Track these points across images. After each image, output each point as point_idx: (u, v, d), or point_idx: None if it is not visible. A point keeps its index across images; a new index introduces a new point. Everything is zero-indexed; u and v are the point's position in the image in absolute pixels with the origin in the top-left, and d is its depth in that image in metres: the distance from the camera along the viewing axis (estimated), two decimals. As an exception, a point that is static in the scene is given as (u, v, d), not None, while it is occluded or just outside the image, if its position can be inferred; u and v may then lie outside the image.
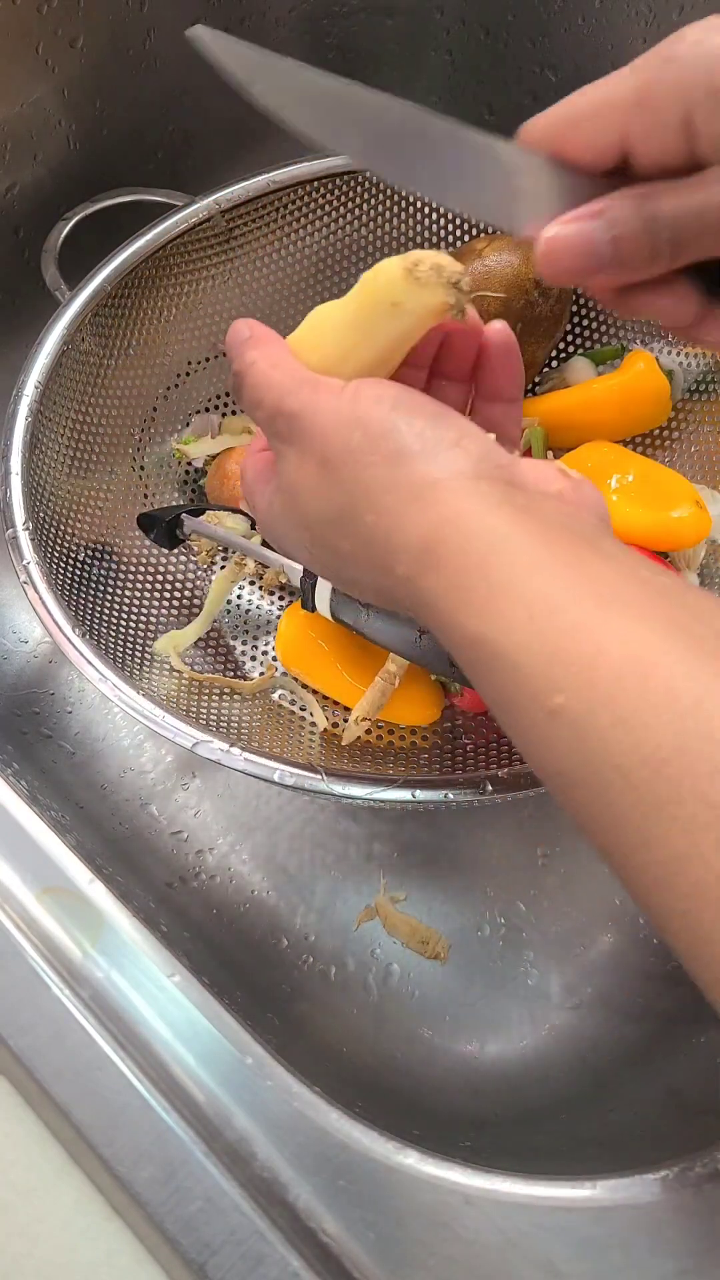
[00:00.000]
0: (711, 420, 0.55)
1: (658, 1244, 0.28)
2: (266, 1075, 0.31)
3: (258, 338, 0.32)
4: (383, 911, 0.50)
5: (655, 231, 0.28)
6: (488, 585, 0.26)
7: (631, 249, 0.28)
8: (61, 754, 0.54)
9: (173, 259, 0.54)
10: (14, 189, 0.57)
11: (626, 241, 0.28)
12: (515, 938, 0.50)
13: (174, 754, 0.54)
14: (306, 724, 0.50)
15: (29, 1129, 0.31)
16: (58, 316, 0.50)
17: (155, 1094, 0.30)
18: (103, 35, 0.56)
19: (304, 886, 0.51)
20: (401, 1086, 0.46)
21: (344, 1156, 0.30)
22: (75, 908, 0.33)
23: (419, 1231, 0.29)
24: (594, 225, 0.28)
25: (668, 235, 0.28)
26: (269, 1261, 0.27)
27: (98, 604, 0.48)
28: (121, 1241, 0.29)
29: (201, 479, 0.58)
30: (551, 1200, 0.29)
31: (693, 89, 0.26)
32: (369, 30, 0.65)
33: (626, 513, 0.51)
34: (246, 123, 0.66)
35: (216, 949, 0.49)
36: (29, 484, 0.47)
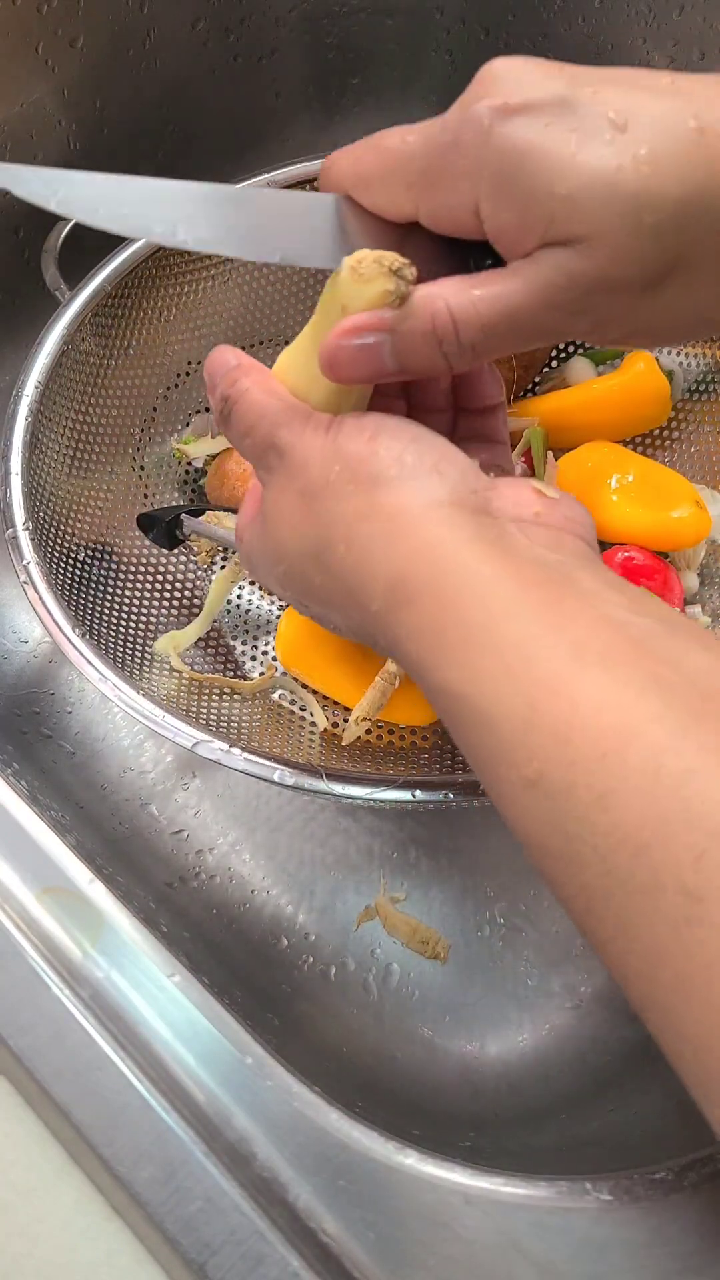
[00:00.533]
0: (711, 420, 0.55)
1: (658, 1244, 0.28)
2: (266, 1075, 0.31)
3: (247, 365, 0.31)
4: (383, 911, 0.50)
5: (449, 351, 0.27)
6: (460, 628, 0.25)
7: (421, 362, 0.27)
8: (61, 754, 0.54)
9: (173, 259, 0.54)
10: (14, 189, 0.57)
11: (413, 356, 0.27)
12: (515, 938, 0.50)
13: (174, 754, 0.54)
14: (306, 724, 0.50)
15: (29, 1129, 0.31)
16: (58, 316, 0.50)
17: (155, 1094, 0.30)
18: (103, 35, 0.56)
19: (304, 886, 0.51)
20: (401, 1086, 0.46)
21: (344, 1156, 0.30)
22: (75, 908, 0.33)
23: (419, 1231, 0.29)
24: (377, 340, 0.27)
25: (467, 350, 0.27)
26: (269, 1261, 0.28)
27: (98, 604, 0.48)
28: (121, 1241, 0.29)
29: (201, 479, 0.58)
30: (551, 1200, 0.29)
31: (478, 182, 0.26)
32: (369, 30, 0.65)
33: (626, 513, 0.51)
34: (246, 123, 0.66)
35: (216, 949, 0.49)
36: (29, 484, 0.47)
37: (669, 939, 0.20)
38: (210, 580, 0.55)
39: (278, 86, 0.66)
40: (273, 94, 0.66)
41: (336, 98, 0.68)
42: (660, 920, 0.20)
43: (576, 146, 0.25)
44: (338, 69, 0.67)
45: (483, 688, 0.24)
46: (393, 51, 0.66)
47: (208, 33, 0.60)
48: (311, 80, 0.67)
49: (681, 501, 0.51)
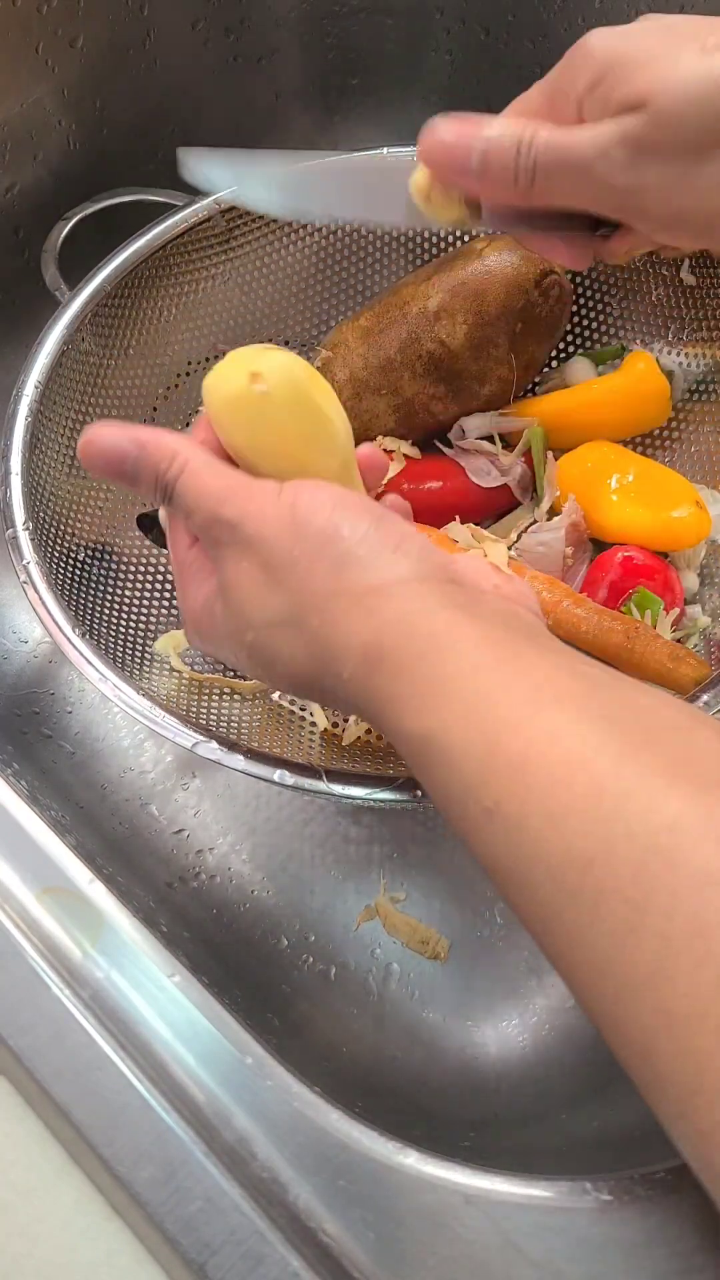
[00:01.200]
0: (712, 421, 0.55)
1: (657, 1243, 0.28)
2: (266, 1075, 0.31)
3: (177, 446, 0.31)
4: (383, 911, 0.50)
5: (521, 159, 0.32)
6: (427, 682, 0.26)
7: (497, 167, 0.32)
8: (61, 754, 0.54)
9: (173, 259, 0.54)
10: (14, 189, 0.57)
11: (494, 156, 0.32)
12: (515, 938, 0.50)
13: (174, 754, 0.55)
14: (306, 724, 0.50)
15: (29, 1129, 0.31)
16: (58, 316, 0.50)
17: (155, 1094, 0.30)
18: (103, 35, 0.56)
19: (304, 886, 0.51)
20: (401, 1086, 0.46)
21: (344, 1156, 0.30)
22: (75, 908, 0.33)
23: (419, 1231, 0.29)
24: (473, 136, 0.33)
25: (530, 165, 0.32)
26: (269, 1261, 0.27)
27: (98, 604, 0.48)
28: (121, 1241, 0.29)
29: (201, 479, 0.58)
30: (551, 1200, 0.29)
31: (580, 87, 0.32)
32: (369, 30, 0.65)
33: (626, 513, 0.51)
34: (246, 123, 0.66)
35: (216, 949, 0.49)
36: (29, 484, 0.47)
37: (613, 950, 0.22)
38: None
39: (278, 86, 0.66)
40: (273, 94, 0.66)
41: (336, 98, 0.68)
42: (605, 932, 0.22)
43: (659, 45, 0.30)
44: (338, 69, 0.67)
45: (448, 730, 0.26)
46: (393, 51, 0.66)
47: (208, 33, 0.60)
48: (311, 80, 0.67)
49: (681, 501, 0.51)
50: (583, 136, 0.31)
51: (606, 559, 0.50)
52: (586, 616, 0.47)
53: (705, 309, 0.54)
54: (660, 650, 0.46)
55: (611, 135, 0.30)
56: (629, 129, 0.30)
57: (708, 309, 0.54)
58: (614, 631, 0.46)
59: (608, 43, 0.31)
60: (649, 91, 0.29)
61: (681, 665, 0.45)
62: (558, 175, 0.32)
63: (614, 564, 0.50)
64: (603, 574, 0.50)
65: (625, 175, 0.31)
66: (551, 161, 0.32)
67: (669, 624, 0.49)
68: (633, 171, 0.30)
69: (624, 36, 0.31)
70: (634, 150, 0.30)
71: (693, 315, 0.55)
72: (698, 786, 0.22)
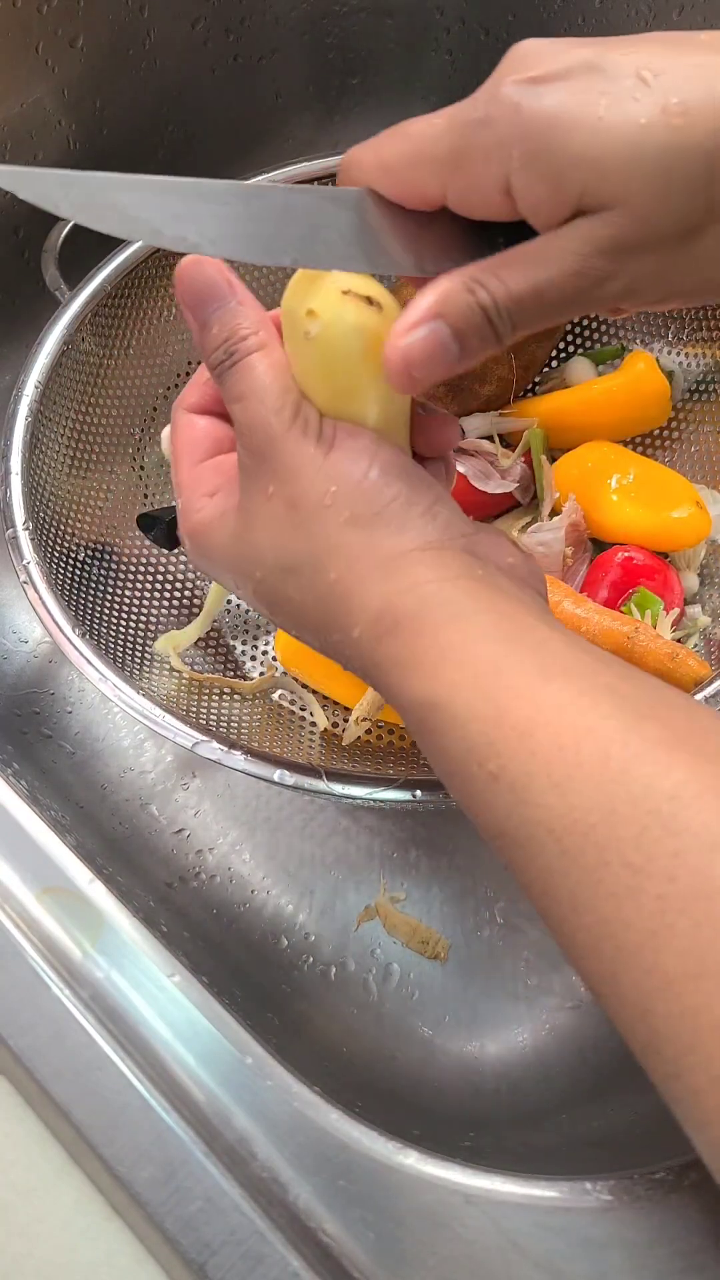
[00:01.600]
0: (712, 421, 0.55)
1: (658, 1244, 0.28)
2: (266, 1075, 0.31)
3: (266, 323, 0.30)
4: (383, 911, 0.50)
5: (496, 323, 0.27)
6: (438, 649, 0.26)
7: (476, 342, 0.27)
8: (61, 754, 0.54)
9: (173, 259, 0.54)
10: (14, 189, 0.57)
11: (470, 336, 0.27)
12: (515, 938, 0.50)
13: (174, 754, 0.54)
14: (306, 724, 0.50)
15: (29, 1129, 0.31)
16: (58, 316, 0.50)
17: (155, 1094, 0.30)
18: (103, 35, 0.56)
19: (304, 886, 0.51)
20: (401, 1086, 0.46)
21: (344, 1156, 0.30)
22: (75, 908, 0.33)
23: (419, 1231, 0.29)
24: (436, 326, 0.26)
25: (508, 322, 0.27)
26: (269, 1261, 0.27)
27: (98, 604, 0.48)
28: (121, 1241, 0.29)
29: (201, 479, 0.58)
30: (551, 1200, 0.29)
31: (508, 158, 0.25)
32: (369, 30, 0.65)
33: (626, 513, 0.51)
34: (246, 123, 0.66)
35: (216, 949, 0.49)
36: (29, 484, 0.47)
37: (612, 912, 0.22)
38: (210, 580, 0.55)
39: (278, 86, 0.66)
40: (273, 94, 0.66)
41: (336, 98, 0.68)
42: (605, 894, 0.22)
43: (605, 108, 0.24)
44: (338, 69, 0.67)
45: (455, 695, 0.26)
46: (393, 51, 0.66)
47: (208, 33, 0.60)
48: (311, 80, 0.67)
49: (681, 501, 0.51)
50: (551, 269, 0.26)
51: (606, 559, 0.50)
52: (586, 616, 0.47)
53: (705, 309, 0.54)
54: (660, 650, 0.46)
55: (584, 251, 0.25)
56: (604, 235, 0.25)
57: (708, 309, 0.54)
58: (614, 631, 0.46)
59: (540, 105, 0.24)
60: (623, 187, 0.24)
61: (681, 665, 0.45)
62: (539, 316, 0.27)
63: (614, 564, 0.50)
64: (603, 574, 0.50)
65: (614, 283, 0.26)
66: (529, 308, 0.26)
67: (669, 624, 0.49)
68: (621, 276, 0.26)
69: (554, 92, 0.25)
70: (616, 254, 0.25)
71: (693, 315, 0.55)
72: (700, 758, 0.23)
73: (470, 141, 0.26)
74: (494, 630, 0.26)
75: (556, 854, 0.23)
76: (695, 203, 0.24)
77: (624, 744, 0.23)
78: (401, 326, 0.27)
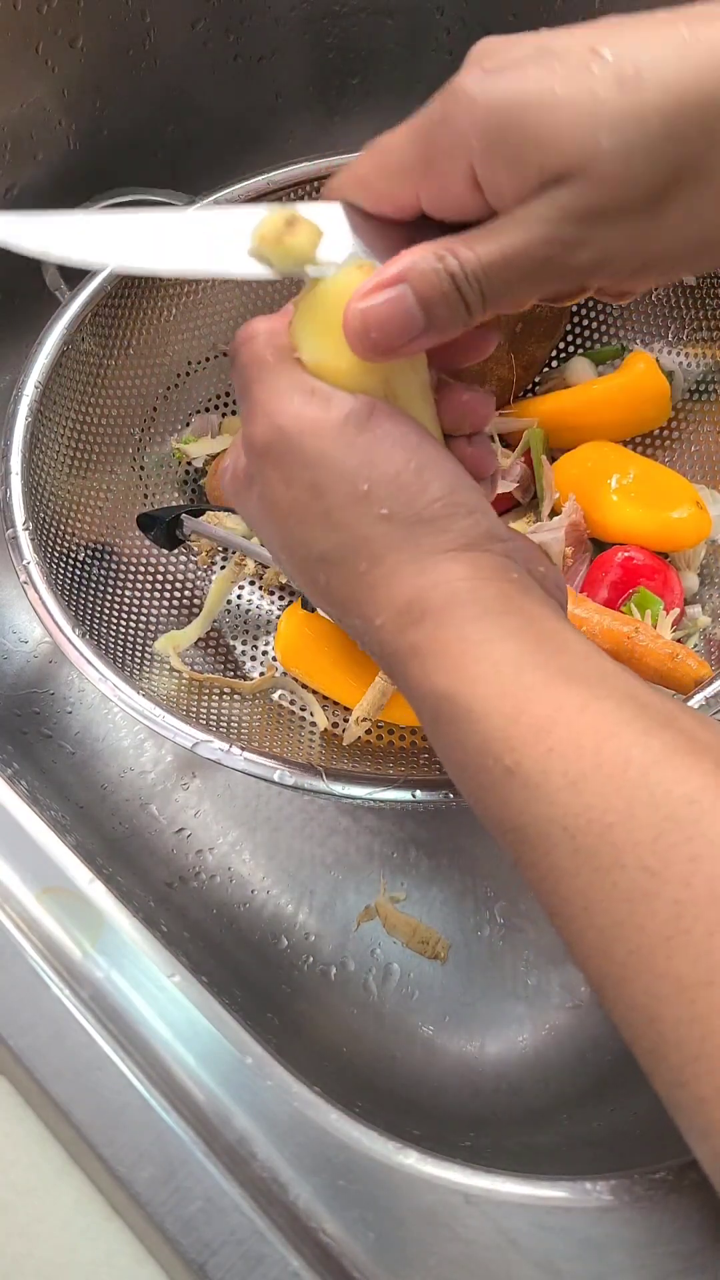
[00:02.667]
0: (712, 421, 0.55)
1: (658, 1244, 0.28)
2: (266, 1075, 0.31)
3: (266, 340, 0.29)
4: (383, 911, 0.50)
5: (464, 290, 0.26)
6: (463, 642, 0.26)
7: (444, 311, 0.26)
8: (61, 754, 0.54)
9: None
10: (14, 189, 0.57)
11: (437, 304, 0.26)
12: (515, 938, 0.50)
13: (174, 754, 0.54)
14: (306, 724, 0.50)
15: (29, 1129, 0.31)
16: (58, 316, 0.50)
17: (155, 1094, 0.30)
18: (103, 35, 0.56)
19: (304, 886, 0.51)
20: (401, 1086, 0.46)
21: (344, 1156, 0.30)
22: (75, 908, 0.33)
23: (419, 1231, 0.29)
24: (400, 291, 0.26)
25: (477, 291, 0.26)
26: (269, 1261, 0.27)
27: (98, 604, 0.48)
28: (121, 1241, 0.29)
29: (201, 479, 0.58)
30: (551, 1200, 0.29)
31: (470, 150, 0.25)
32: (369, 30, 0.65)
33: (627, 513, 0.51)
34: (246, 123, 0.66)
35: (216, 949, 0.49)
36: (29, 484, 0.47)
37: (625, 914, 0.22)
38: (210, 580, 0.55)
39: (278, 86, 0.66)
40: (273, 94, 0.66)
41: (336, 98, 0.68)
42: (619, 896, 0.22)
43: (559, 84, 0.24)
44: (338, 69, 0.67)
45: (475, 689, 0.26)
46: (393, 51, 0.66)
47: (208, 33, 0.60)
48: (311, 80, 0.67)
49: (681, 502, 0.51)
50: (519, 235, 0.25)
51: (606, 559, 0.50)
52: (587, 616, 0.47)
53: (705, 309, 0.54)
54: (660, 650, 0.46)
55: (551, 217, 0.25)
56: (570, 203, 0.24)
57: (708, 309, 0.54)
58: (614, 631, 0.46)
59: (494, 93, 0.24)
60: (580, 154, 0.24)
61: (681, 665, 0.45)
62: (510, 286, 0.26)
63: (614, 564, 0.50)
64: (603, 574, 0.50)
65: (586, 252, 0.25)
66: (497, 277, 0.26)
67: (669, 624, 0.49)
68: (593, 245, 0.25)
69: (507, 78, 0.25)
70: (585, 222, 0.25)
71: (693, 315, 0.55)
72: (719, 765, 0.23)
73: (434, 142, 0.26)
74: (520, 630, 0.26)
75: (569, 852, 0.23)
76: (657, 166, 0.24)
77: (645, 747, 0.23)
78: (363, 289, 0.27)
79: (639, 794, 0.23)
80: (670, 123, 0.23)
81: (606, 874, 0.22)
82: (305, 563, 0.29)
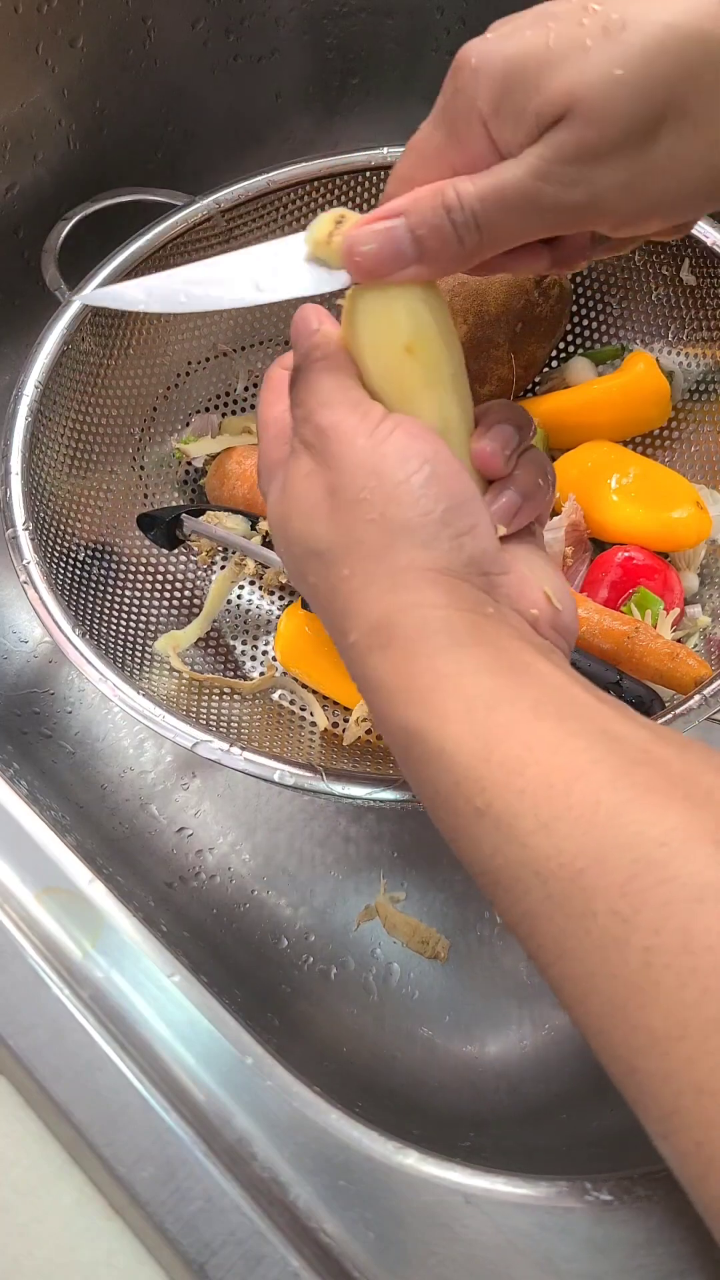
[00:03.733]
0: (712, 421, 0.55)
1: (658, 1244, 0.28)
2: (266, 1075, 0.31)
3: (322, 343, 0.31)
4: (383, 911, 0.50)
5: (457, 221, 0.28)
6: (432, 676, 0.26)
7: (437, 242, 0.28)
8: (61, 754, 0.54)
9: (173, 259, 0.54)
10: (14, 189, 0.57)
11: (427, 232, 0.28)
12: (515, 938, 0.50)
13: (174, 754, 0.54)
14: (306, 724, 0.50)
15: (29, 1129, 0.31)
16: (58, 316, 0.50)
17: (155, 1094, 0.30)
18: (103, 35, 0.56)
19: (304, 886, 0.51)
20: (401, 1086, 0.46)
21: (344, 1156, 0.30)
22: (75, 908, 0.33)
23: (419, 1231, 0.29)
24: (394, 223, 0.28)
25: (471, 222, 0.28)
26: (269, 1261, 0.27)
27: (98, 604, 0.48)
28: (121, 1241, 0.29)
29: (201, 479, 0.58)
30: (551, 1200, 0.29)
31: (481, 109, 0.27)
32: (369, 30, 0.65)
33: (626, 513, 0.51)
34: (246, 123, 0.66)
35: (216, 949, 0.49)
36: (29, 484, 0.47)
37: (599, 963, 0.22)
38: (210, 580, 0.55)
39: (278, 86, 0.66)
40: (273, 94, 0.66)
41: (336, 98, 0.68)
42: (592, 944, 0.22)
43: (553, 38, 0.26)
44: (338, 69, 0.67)
45: (444, 727, 0.25)
46: (393, 51, 0.66)
47: (208, 33, 0.60)
48: (311, 80, 0.67)
49: (681, 502, 0.51)
50: (515, 169, 0.27)
51: (606, 559, 0.50)
52: (587, 616, 0.47)
53: (705, 309, 0.54)
54: (660, 650, 0.46)
55: (546, 155, 0.26)
56: (563, 142, 0.26)
57: (708, 309, 0.54)
58: (614, 631, 0.46)
59: (492, 53, 0.26)
60: (569, 95, 0.25)
61: (681, 665, 0.45)
62: (504, 219, 0.28)
63: (614, 564, 0.50)
64: (603, 574, 0.50)
65: (578, 190, 0.26)
66: (492, 208, 0.27)
67: (669, 624, 0.49)
68: (585, 183, 0.26)
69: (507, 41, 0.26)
70: (577, 161, 0.26)
71: (693, 315, 0.55)
72: (691, 803, 0.22)
73: (452, 115, 0.28)
74: (491, 664, 0.26)
75: (542, 897, 0.23)
76: (641, 105, 0.25)
77: (614, 788, 0.23)
78: (365, 219, 0.29)
79: (608, 837, 0.22)
80: (652, 62, 0.25)
81: (579, 921, 0.22)
82: (301, 559, 0.30)
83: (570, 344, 0.59)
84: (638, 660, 0.46)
